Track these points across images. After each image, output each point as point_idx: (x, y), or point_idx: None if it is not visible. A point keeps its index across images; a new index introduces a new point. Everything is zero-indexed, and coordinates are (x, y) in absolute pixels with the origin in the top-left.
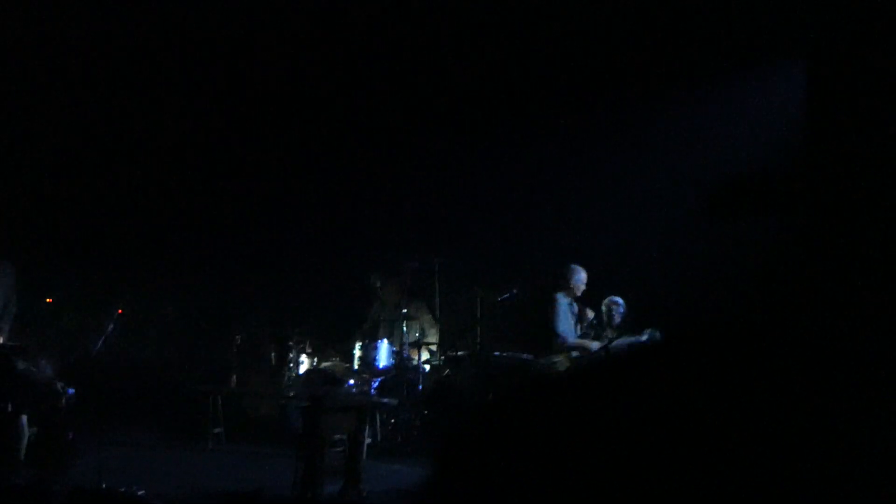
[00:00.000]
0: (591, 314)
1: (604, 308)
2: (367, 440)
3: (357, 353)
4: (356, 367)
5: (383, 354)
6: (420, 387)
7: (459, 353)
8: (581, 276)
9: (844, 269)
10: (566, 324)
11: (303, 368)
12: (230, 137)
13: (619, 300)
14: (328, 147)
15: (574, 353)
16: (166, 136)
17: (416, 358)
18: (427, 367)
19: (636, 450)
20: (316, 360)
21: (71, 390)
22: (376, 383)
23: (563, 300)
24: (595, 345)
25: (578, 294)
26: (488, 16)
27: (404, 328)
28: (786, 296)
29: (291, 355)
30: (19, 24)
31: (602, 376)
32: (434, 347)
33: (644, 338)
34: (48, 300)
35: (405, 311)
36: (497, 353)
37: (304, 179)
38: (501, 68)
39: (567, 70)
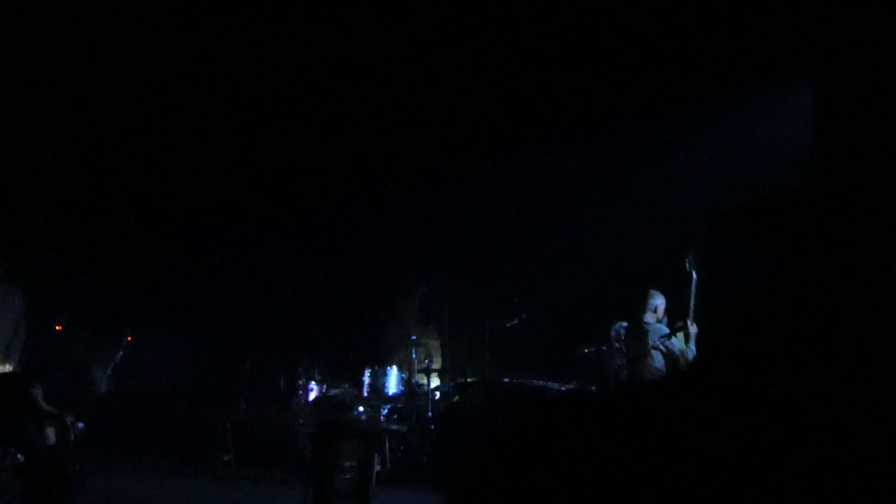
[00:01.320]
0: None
1: (613, 333)
2: (377, 467)
3: (367, 379)
4: (366, 393)
5: (393, 381)
6: (430, 413)
7: (469, 379)
8: (660, 301)
9: (853, 289)
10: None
11: (312, 395)
12: (240, 164)
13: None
14: (338, 173)
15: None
16: (176, 163)
17: (426, 384)
18: (437, 393)
19: (645, 474)
20: (325, 386)
21: (80, 424)
22: (385, 410)
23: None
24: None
25: (659, 318)
26: (500, 40)
27: (413, 354)
28: (793, 316)
29: (301, 382)
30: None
31: (612, 405)
32: (443, 373)
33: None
34: (58, 328)
35: (414, 336)
36: (507, 380)
37: (315, 207)
38: (511, 94)
39: (574, 94)
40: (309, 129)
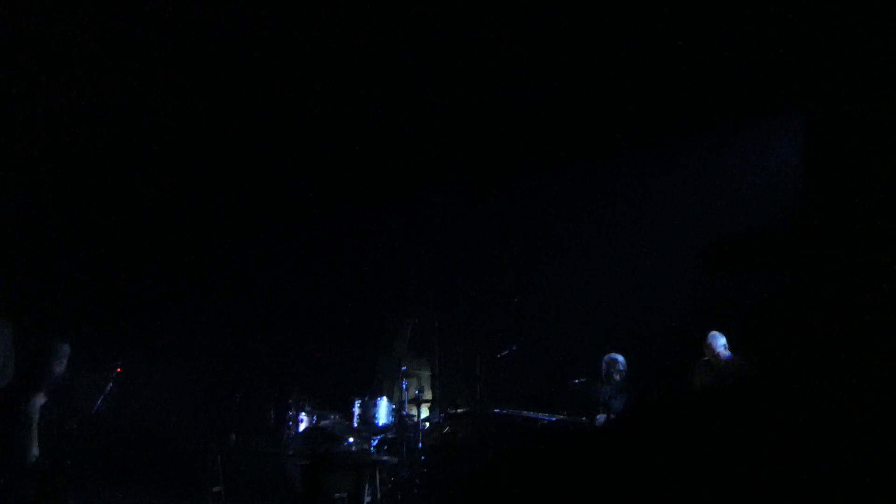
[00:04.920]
0: None
1: (603, 365)
2: (367, 498)
3: (357, 410)
4: (356, 424)
5: (383, 412)
6: (420, 444)
7: (459, 409)
8: (721, 341)
9: (843, 321)
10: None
11: (302, 426)
12: (231, 195)
13: (619, 357)
14: (328, 204)
15: None
16: (168, 194)
17: (417, 415)
18: (427, 424)
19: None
20: (315, 417)
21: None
22: (376, 441)
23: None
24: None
25: (722, 359)
26: (490, 80)
27: (404, 385)
28: (786, 349)
29: (291, 413)
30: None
31: (604, 437)
32: (434, 404)
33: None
34: None
35: (404, 367)
36: (497, 411)
37: (305, 238)
38: (499, 132)
39: (565, 130)
40: (300, 157)
